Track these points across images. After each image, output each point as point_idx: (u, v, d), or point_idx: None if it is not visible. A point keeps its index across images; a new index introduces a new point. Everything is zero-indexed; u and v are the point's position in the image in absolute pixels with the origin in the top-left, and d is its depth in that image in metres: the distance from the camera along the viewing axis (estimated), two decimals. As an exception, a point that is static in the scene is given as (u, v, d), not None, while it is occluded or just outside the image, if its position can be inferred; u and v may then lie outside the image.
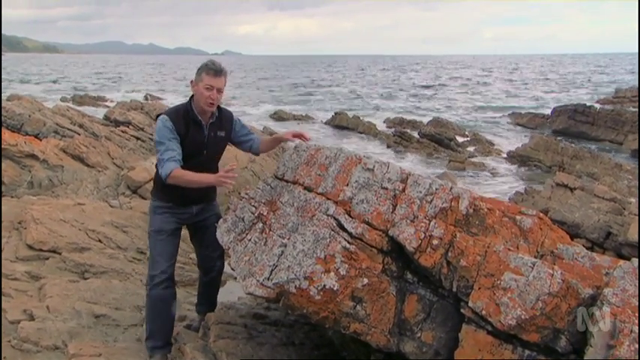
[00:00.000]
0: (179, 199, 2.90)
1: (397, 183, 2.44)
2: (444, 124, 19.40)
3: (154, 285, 2.87)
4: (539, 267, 2.11)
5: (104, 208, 5.60)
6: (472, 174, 12.29)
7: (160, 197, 2.96)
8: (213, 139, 2.90)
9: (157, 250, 2.94)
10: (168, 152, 2.68)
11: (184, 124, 2.77)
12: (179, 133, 2.75)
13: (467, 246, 2.26)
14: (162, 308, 2.89)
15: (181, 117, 2.78)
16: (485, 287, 2.16)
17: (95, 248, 4.62)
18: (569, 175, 8.20)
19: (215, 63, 2.78)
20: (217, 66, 2.76)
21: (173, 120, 2.76)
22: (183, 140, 2.77)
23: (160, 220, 2.94)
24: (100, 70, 77.67)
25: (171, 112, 2.83)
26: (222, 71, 2.77)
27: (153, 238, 2.96)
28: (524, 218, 2.55)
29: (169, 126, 2.73)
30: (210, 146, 2.90)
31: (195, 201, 2.98)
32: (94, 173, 6.95)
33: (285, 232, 2.54)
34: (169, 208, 2.93)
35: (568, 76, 56.75)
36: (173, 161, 2.66)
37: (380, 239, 2.35)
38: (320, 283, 2.27)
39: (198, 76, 2.78)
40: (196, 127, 2.82)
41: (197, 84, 2.78)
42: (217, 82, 2.76)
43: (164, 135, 2.72)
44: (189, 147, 2.79)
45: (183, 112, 2.82)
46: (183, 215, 2.99)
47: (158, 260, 2.91)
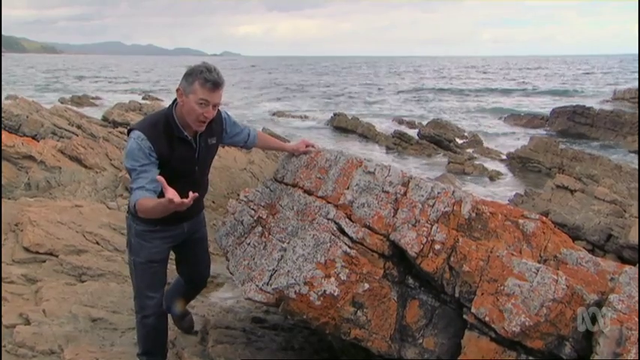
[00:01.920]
0: (167, 218, 2.27)
1: (398, 186, 2.40)
2: (443, 125, 19.38)
3: (145, 316, 2.56)
4: (543, 272, 2.07)
5: (102, 210, 5.55)
6: (472, 176, 12.26)
7: (144, 219, 2.35)
8: (204, 150, 2.41)
9: (145, 282, 2.51)
10: (139, 180, 2.14)
11: (167, 142, 2.21)
12: (161, 155, 2.19)
13: (469, 251, 2.23)
14: (157, 334, 2.66)
15: (162, 133, 2.22)
16: (488, 293, 2.12)
17: (92, 250, 4.57)
18: (569, 177, 8.18)
19: (212, 71, 2.18)
20: (215, 76, 2.18)
21: (151, 139, 2.17)
22: (168, 161, 2.22)
23: (148, 249, 2.45)
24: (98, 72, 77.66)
25: (148, 128, 2.22)
26: (221, 83, 2.21)
27: (139, 269, 2.51)
28: (526, 222, 2.51)
29: (146, 148, 2.16)
30: (202, 160, 2.42)
31: (186, 217, 2.47)
32: (92, 174, 6.90)
33: (285, 236, 2.51)
34: (158, 231, 2.44)
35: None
36: (140, 190, 2.12)
37: (381, 244, 2.31)
38: (320, 289, 2.24)
39: (189, 86, 2.18)
40: (183, 144, 2.30)
41: (187, 95, 2.20)
42: (215, 96, 2.20)
43: (136, 159, 2.15)
44: (177, 167, 2.28)
45: (164, 124, 2.24)
46: (175, 236, 2.54)
47: (149, 295, 2.52)
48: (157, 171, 2.16)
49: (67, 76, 60.31)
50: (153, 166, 2.17)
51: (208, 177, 2.66)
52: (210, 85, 2.17)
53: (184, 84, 2.21)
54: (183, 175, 2.31)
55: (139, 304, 2.57)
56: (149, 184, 2.12)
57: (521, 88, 44.53)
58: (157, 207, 2.05)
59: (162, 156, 2.20)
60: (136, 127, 2.26)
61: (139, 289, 2.55)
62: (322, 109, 29.76)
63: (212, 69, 2.19)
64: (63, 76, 59.80)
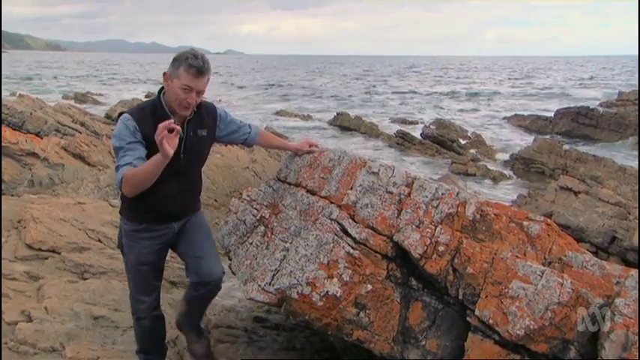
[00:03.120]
0: (154, 215, 2.32)
1: (402, 187, 2.39)
2: (447, 125, 19.32)
3: (139, 318, 2.54)
4: (548, 275, 2.05)
5: (104, 208, 5.55)
6: (475, 176, 12.22)
7: (130, 217, 2.37)
8: (192, 139, 2.32)
9: (136, 286, 2.48)
10: (125, 157, 2.12)
11: (152, 123, 2.13)
12: (145, 136, 2.16)
13: (473, 252, 2.21)
14: (153, 336, 2.63)
15: (148, 115, 2.22)
16: (492, 295, 2.11)
17: (95, 248, 4.57)
18: (573, 178, 8.13)
19: (198, 56, 2.18)
20: (200, 62, 2.16)
21: (137, 119, 2.19)
22: (152, 143, 2.11)
23: (136, 249, 2.38)
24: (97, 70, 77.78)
25: (135, 111, 2.27)
26: (205, 70, 2.19)
27: (130, 271, 2.48)
28: (531, 224, 2.49)
29: (131, 126, 2.17)
30: (189, 149, 2.31)
31: (175, 216, 2.40)
32: (95, 172, 6.91)
33: (288, 236, 2.49)
34: (144, 230, 2.36)
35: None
36: (127, 166, 2.10)
37: (384, 245, 2.30)
38: (323, 289, 2.23)
39: (174, 70, 2.19)
40: None
41: (172, 80, 2.20)
42: (199, 83, 2.19)
43: (122, 137, 2.16)
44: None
45: (151, 108, 2.25)
46: (164, 236, 2.41)
47: (140, 299, 2.48)
48: (143, 150, 2.16)
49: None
50: (139, 145, 2.17)
51: (201, 175, 2.54)
52: (194, 71, 2.16)
53: (171, 68, 2.22)
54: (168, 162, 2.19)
55: (133, 307, 2.55)
56: (136, 160, 2.12)
57: (524, 88, 44.37)
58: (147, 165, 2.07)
59: (146, 136, 2.17)
60: (127, 111, 2.31)
61: (132, 291, 2.53)
62: (325, 108, 29.74)
63: (198, 55, 2.19)
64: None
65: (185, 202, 2.43)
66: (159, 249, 2.44)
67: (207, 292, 2.46)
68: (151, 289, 2.50)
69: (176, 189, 2.27)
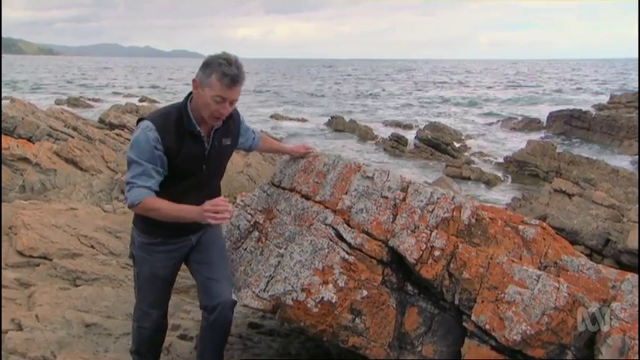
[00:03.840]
0: (171, 230, 2.19)
1: (397, 192, 2.37)
2: (441, 128, 19.40)
3: (141, 327, 2.45)
4: (544, 280, 2.04)
5: (97, 213, 5.50)
6: (469, 179, 12.26)
7: (146, 230, 2.22)
8: (216, 150, 2.19)
9: (146, 297, 2.36)
10: (143, 177, 2.00)
11: (176, 135, 2.05)
12: (168, 149, 2.03)
13: (469, 257, 2.20)
14: (152, 343, 2.54)
15: (172, 125, 2.06)
16: (488, 300, 2.09)
17: (87, 254, 4.52)
18: (567, 181, 8.17)
19: (232, 63, 1.98)
20: (235, 70, 1.98)
21: (160, 130, 2.02)
22: (174, 157, 2.05)
23: (151, 263, 2.26)
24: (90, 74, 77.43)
25: (159, 119, 2.07)
26: (240, 79, 2.02)
27: (141, 282, 2.33)
28: (526, 228, 2.48)
29: (154, 139, 2.00)
30: (213, 160, 2.18)
31: (193, 229, 2.25)
32: (88, 177, 6.86)
33: (282, 242, 2.47)
34: (160, 244, 2.23)
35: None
36: (145, 189, 2.01)
37: (380, 250, 2.28)
38: (318, 295, 2.20)
39: (206, 78, 2.00)
40: (193, 140, 2.11)
41: (203, 88, 2.02)
42: (233, 93, 2.02)
43: (143, 152, 2.00)
44: (183, 164, 2.10)
45: (176, 117, 2.08)
46: (181, 249, 2.30)
47: (147, 311, 2.37)
48: (162, 172, 2.06)
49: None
50: (159, 162, 2.03)
51: (220, 185, 2.40)
52: (228, 81, 1.98)
53: (201, 75, 2.02)
54: (188, 175, 2.14)
55: (138, 315, 2.45)
56: (155, 185, 2.04)
57: (518, 91, 44.66)
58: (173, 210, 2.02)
59: (168, 150, 2.04)
60: (147, 117, 2.11)
61: (140, 301, 2.42)
62: (320, 111, 29.76)
63: (232, 61, 1.99)
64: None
65: None
66: (174, 263, 2.32)
67: (218, 318, 2.24)
68: (162, 302, 2.40)
69: (196, 202, 2.05)
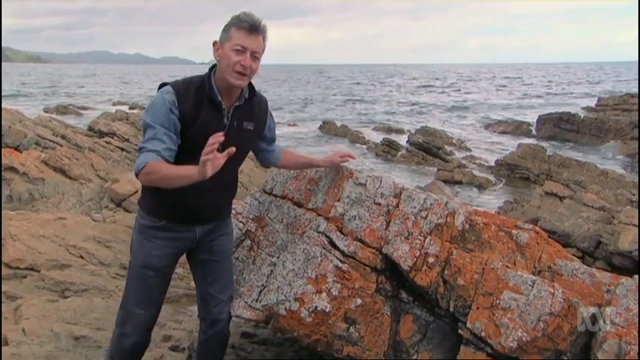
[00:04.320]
0: (177, 213, 2.03)
1: (390, 198, 2.35)
2: (432, 132, 19.49)
3: (124, 334, 2.13)
4: (539, 285, 2.03)
5: (86, 223, 5.42)
6: (461, 183, 12.30)
7: (149, 210, 2.07)
8: (236, 130, 2.01)
9: (135, 293, 2.10)
10: (154, 142, 1.85)
11: (195, 101, 1.93)
12: (183, 115, 1.90)
13: (464, 263, 2.18)
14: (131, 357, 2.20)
15: (193, 91, 1.94)
16: (483, 307, 2.07)
17: (76, 265, 4.45)
18: (557, 183, 8.23)
19: (250, 14, 1.90)
20: (252, 18, 1.89)
21: (178, 94, 1.91)
22: (188, 126, 1.91)
23: (148, 249, 2.07)
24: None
25: (180, 84, 1.97)
26: (259, 27, 1.90)
27: (133, 273, 2.12)
28: (520, 232, 2.47)
29: (170, 101, 1.89)
30: (231, 140, 1.92)
31: (200, 218, 2.09)
32: (77, 186, 6.76)
33: (274, 250, 2.43)
34: (162, 228, 2.06)
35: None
36: (153, 153, 1.84)
37: (373, 257, 2.25)
38: (311, 305, 2.17)
39: (225, 34, 1.92)
40: (212, 109, 1.96)
41: (222, 45, 1.92)
42: (253, 42, 1.90)
43: (158, 114, 1.88)
44: (198, 137, 1.87)
45: (198, 85, 1.96)
46: (183, 240, 2.12)
47: (134, 310, 2.09)
48: (175, 138, 1.90)
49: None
50: (173, 128, 1.89)
51: (238, 175, 2.21)
52: (246, 26, 1.88)
53: (221, 35, 1.94)
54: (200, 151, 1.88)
55: (121, 317, 2.15)
56: (165, 151, 1.86)
57: (507, 95, 45.10)
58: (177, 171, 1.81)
59: (184, 116, 1.91)
60: (169, 82, 2.00)
61: (127, 298, 2.13)
62: (311, 117, 29.78)
63: (250, 14, 1.91)
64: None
65: (216, 202, 2.10)
66: (174, 254, 2.12)
67: (217, 333, 2.23)
68: (151, 302, 2.12)
69: (208, 185, 1.85)
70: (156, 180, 1.86)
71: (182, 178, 1.80)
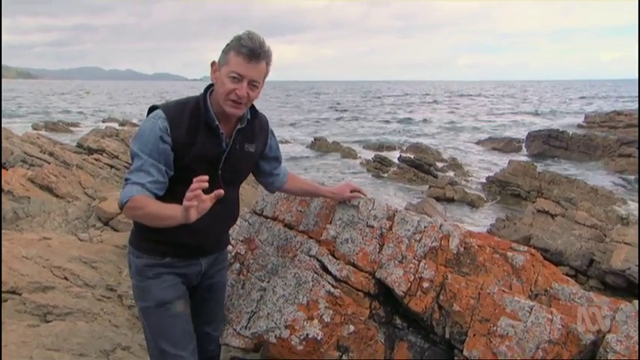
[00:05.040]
0: (182, 248, 1.85)
1: (384, 220, 2.29)
2: (423, 149, 19.60)
3: None
4: (537, 311, 1.97)
5: (72, 242, 5.29)
6: (453, 200, 12.30)
7: (149, 249, 1.84)
8: (236, 154, 1.85)
9: (165, 335, 1.82)
10: (140, 174, 1.67)
11: (190, 126, 1.74)
12: (177, 142, 1.72)
13: (459, 288, 2.12)
14: None
15: (187, 115, 1.75)
16: (480, 334, 2.01)
17: (60, 287, 4.31)
18: (549, 201, 8.24)
19: (254, 37, 1.69)
20: (254, 42, 1.68)
21: (171, 119, 1.72)
22: (184, 154, 1.73)
23: (157, 286, 1.83)
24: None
25: (172, 107, 1.77)
26: (261, 53, 1.70)
27: (152, 317, 1.85)
28: (515, 255, 2.42)
29: (159, 128, 1.69)
30: (231, 164, 1.83)
31: (206, 250, 1.93)
32: (64, 204, 6.62)
33: (265, 275, 2.36)
34: (167, 265, 1.85)
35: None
36: (138, 186, 1.66)
37: (366, 282, 2.18)
38: (302, 332, 2.09)
39: (223, 56, 1.73)
40: (210, 134, 1.78)
41: (220, 68, 1.74)
42: (252, 70, 1.70)
43: (146, 143, 1.69)
44: (195, 164, 1.73)
45: (193, 107, 1.77)
46: (189, 276, 1.91)
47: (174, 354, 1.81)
48: (163, 171, 1.71)
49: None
50: (162, 158, 1.70)
51: (239, 202, 2.04)
52: (246, 52, 1.67)
53: (221, 56, 1.75)
54: None
55: None
56: (152, 184, 1.68)
57: (499, 111, 45.69)
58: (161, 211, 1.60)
59: (178, 144, 1.71)
60: (160, 105, 1.79)
61: (157, 346, 1.84)
62: (303, 133, 29.84)
63: (253, 36, 1.69)
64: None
65: (220, 231, 1.95)
66: (184, 289, 1.90)
67: None
68: (187, 338, 1.86)
69: (210, 216, 1.66)
70: (140, 216, 1.69)
71: (167, 219, 1.59)
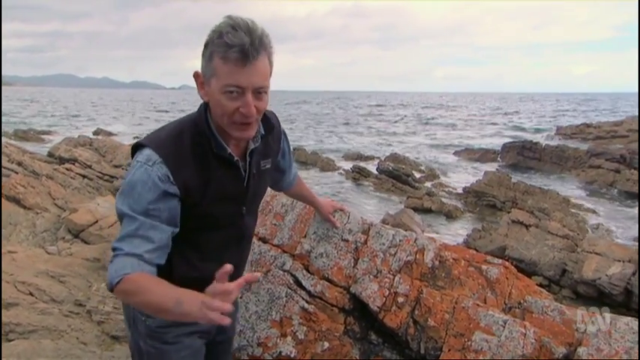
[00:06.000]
0: None
1: (359, 234, 2.27)
2: (401, 159, 19.77)
3: None
4: (510, 325, 1.97)
5: (39, 256, 5.09)
6: (430, 210, 12.41)
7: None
8: (255, 179, 1.46)
9: None
10: (135, 241, 1.24)
11: (196, 163, 1.33)
12: (187, 188, 1.31)
13: (434, 302, 2.10)
14: None
15: (188, 149, 1.32)
16: (455, 349, 1.99)
17: (24, 303, 4.13)
18: (523, 211, 8.40)
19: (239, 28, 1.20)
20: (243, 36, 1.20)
21: (171, 160, 1.28)
22: (197, 200, 1.34)
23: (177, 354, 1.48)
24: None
25: (167, 144, 1.31)
26: (258, 50, 1.23)
27: None
28: (489, 268, 2.43)
29: (162, 177, 1.27)
30: (251, 195, 1.47)
31: None
32: (31, 216, 6.39)
33: (237, 290, 2.29)
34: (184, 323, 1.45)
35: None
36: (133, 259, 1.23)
37: (341, 297, 2.15)
38: (275, 350, 2.04)
39: (207, 63, 1.26)
40: (223, 165, 1.37)
41: (208, 81, 1.29)
42: (251, 75, 1.23)
43: (140, 200, 1.26)
44: (213, 210, 1.38)
45: (193, 136, 1.34)
46: (211, 329, 1.58)
47: None
48: (169, 230, 1.29)
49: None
50: (166, 220, 1.28)
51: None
52: (235, 56, 1.20)
53: (203, 64, 1.28)
54: (222, 226, 1.43)
55: None
56: (153, 252, 1.25)
57: (476, 122, 46.65)
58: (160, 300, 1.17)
59: (189, 189, 1.30)
60: (147, 142, 1.31)
61: None
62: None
63: (238, 25, 1.21)
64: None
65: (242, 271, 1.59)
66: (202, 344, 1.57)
67: None
68: None
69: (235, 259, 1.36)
70: (138, 304, 1.30)
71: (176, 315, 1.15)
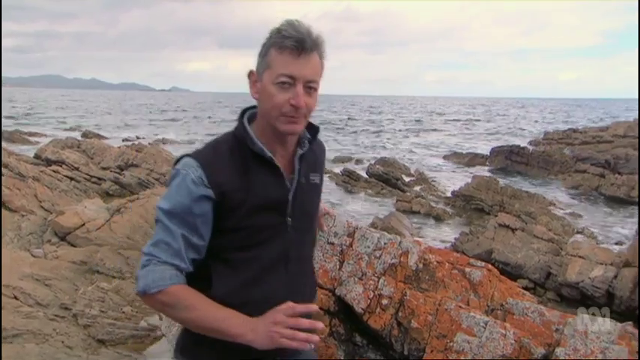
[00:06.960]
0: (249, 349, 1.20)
1: (344, 237, 2.30)
2: (391, 163, 19.88)
3: None
4: (491, 327, 2.02)
5: (25, 259, 5.05)
6: (419, 213, 12.52)
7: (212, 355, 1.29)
8: (305, 191, 1.39)
9: None
10: (169, 251, 1.22)
11: (234, 166, 1.29)
12: (223, 192, 1.25)
13: (417, 304, 2.14)
14: None
15: (226, 153, 1.30)
16: (437, 350, 2.03)
17: (9, 307, 4.10)
18: (510, 215, 8.52)
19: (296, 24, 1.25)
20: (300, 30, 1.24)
21: (206, 163, 1.27)
22: (236, 204, 1.26)
23: None
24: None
25: (204, 150, 1.33)
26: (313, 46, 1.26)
27: None
28: (473, 270, 2.48)
29: (194, 180, 1.24)
30: (300, 208, 1.37)
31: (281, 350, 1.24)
32: (17, 218, 6.32)
33: (224, 293, 2.31)
34: None
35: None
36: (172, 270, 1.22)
37: (327, 299, 2.18)
38: (261, 352, 2.05)
39: (261, 59, 1.30)
40: (264, 170, 1.31)
41: (260, 76, 1.30)
42: (305, 66, 1.25)
43: (174, 205, 1.24)
44: (255, 216, 1.29)
45: (230, 142, 1.33)
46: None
47: None
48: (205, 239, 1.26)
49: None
50: (199, 228, 1.25)
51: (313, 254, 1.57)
52: (292, 45, 1.22)
53: (258, 61, 1.31)
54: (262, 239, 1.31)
55: None
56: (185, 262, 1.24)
57: (464, 126, 47.06)
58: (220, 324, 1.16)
59: (226, 192, 1.25)
60: (190, 153, 1.33)
61: None
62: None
63: (296, 23, 1.25)
64: None
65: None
66: None
67: None
68: None
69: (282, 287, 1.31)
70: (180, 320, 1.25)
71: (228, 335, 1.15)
